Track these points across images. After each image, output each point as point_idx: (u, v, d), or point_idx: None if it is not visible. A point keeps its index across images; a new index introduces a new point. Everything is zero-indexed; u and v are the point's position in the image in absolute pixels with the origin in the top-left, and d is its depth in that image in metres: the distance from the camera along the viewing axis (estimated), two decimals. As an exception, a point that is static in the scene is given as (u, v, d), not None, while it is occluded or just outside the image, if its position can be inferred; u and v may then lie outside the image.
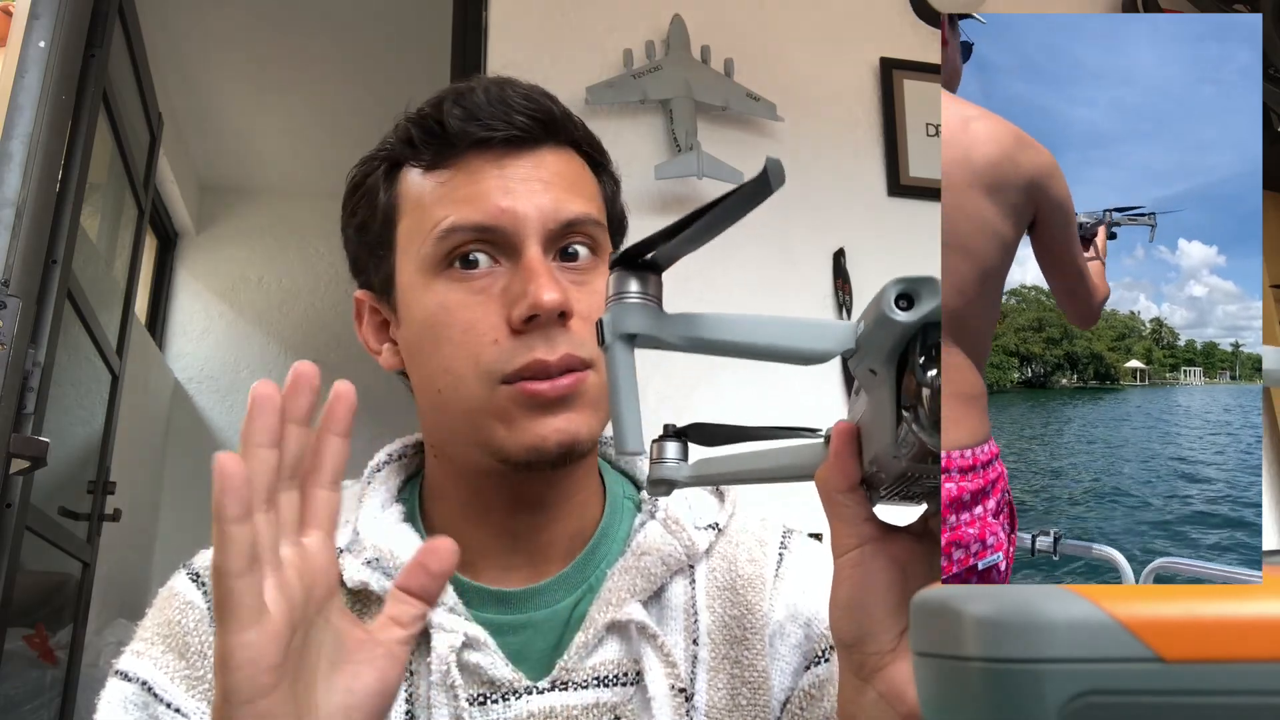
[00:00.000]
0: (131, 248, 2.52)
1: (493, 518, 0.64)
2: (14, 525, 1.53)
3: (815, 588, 0.67)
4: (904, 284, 0.35)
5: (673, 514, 0.66)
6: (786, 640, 0.65)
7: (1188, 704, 0.20)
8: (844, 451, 0.43)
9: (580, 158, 0.67)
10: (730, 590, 0.66)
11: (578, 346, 0.60)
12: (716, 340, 0.39)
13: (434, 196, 0.62)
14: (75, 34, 1.65)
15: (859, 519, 0.44)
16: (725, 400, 1.84)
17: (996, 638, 0.21)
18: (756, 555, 0.68)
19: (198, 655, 0.61)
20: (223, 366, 3.84)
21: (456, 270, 0.61)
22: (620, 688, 0.61)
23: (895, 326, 0.35)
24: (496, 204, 0.60)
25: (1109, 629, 0.20)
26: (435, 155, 0.63)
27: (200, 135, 3.63)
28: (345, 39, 3.08)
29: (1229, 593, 0.21)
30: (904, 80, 2.15)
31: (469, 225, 0.60)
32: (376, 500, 0.66)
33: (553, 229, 0.61)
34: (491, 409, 0.60)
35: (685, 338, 0.39)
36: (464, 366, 0.60)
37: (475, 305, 0.60)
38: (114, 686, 0.61)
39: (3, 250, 1.42)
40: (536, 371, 0.59)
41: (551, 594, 0.64)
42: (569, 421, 0.59)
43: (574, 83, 1.90)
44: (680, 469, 0.52)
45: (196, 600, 0.63)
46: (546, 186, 0.62)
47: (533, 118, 0.63)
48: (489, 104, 0.62)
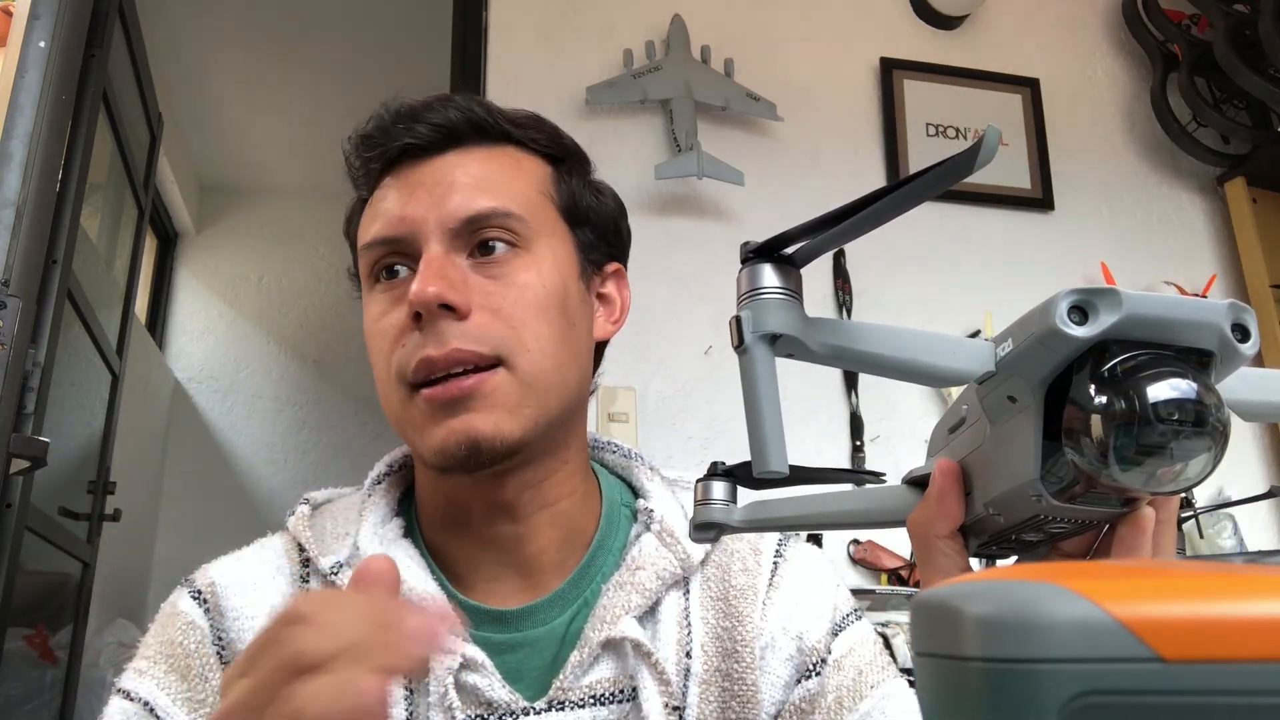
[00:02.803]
0: (131, 248, 2.52)
1: (471, 527, 0.64)
2: (14, 525, 1.53)
3: (809, 599, 0.66)
4: (1079, 294, 0.30)
5: (668, 526, 0.65)
6: (778, 653, 0.64)
7: (1188, 704, 0.20)
8: (950, 493, 0.40)
9: (516, 151, 0.66)
10: (723, 601, 0.65)
11: (475, 341, 0.58)
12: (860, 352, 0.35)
13: (366, 218, 0.65)
14: (75, 34, 1.64)
15: (958, 568, 0.41)
16: (724, 398, 1.84)
17: (996, 638, 0.21)
18: (750, 565, 0.67)
19: (199, 677, 0.61)
20: (223, 366, 3.83)
21: (382, 282, 0.63)
22: (616, 705, 0.61)
23: (1068, 342, 0.30)
24: (398, 213, 0.62)
25: (1109, 629, 0.20)
26: (365, 183, 0.67)
27: (200, 135, 3.63)
28: (346, 39, 3.08)
29: (1229, 593, 0.21)
30: (904, 80, 2.15)
31: (377, 240, 0.63)
32: (376, 515, 0.65)
33: (453, 227, 0.61)
34: (405, 417, 0.61)
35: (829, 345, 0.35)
36: (383, 372, 0.62)
37: (390, 311, 0.62)
38: (116, 704, 0.60)
39: (3, 250, 1.42)
40: (428, 370, 0.58)
41: (547, 611, 0.63)
42: (466, 423, 0.58)
43: (574, 83, 1.90)
44: (730, 512, 0.47)
45: (198, 620, 0.62)
46: (450, 188, 0.62)
47: (433, 124, 0.64)
48: (393, 119, 0.65)
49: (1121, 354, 0.30)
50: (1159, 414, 0.29)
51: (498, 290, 0.60)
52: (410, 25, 2.98)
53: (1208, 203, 2.28)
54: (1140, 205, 2.23)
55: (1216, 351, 0.30)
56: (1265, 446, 2.10)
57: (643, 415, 1.79)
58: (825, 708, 0.63)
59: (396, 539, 0.64)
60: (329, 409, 3.84)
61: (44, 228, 1.55)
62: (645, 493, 0.69)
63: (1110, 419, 0.30)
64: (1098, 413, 0.30)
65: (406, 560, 0.62)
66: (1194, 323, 0.30)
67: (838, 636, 0.65)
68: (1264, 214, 2.18)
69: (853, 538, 1.82)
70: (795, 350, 0.35)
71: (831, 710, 0.63)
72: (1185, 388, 0.29)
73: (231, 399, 3.80)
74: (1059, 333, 0.30)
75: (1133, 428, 0.29)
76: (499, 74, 1.92)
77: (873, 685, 0.63)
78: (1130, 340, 0.30)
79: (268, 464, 3.76)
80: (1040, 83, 2.23)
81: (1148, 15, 2.28)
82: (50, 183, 1.56)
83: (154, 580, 3.37)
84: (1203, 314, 0.30)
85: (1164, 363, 0.30)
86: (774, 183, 1.98)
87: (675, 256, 1.89)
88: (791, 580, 0.67)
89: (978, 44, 2.25)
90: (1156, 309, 0.30)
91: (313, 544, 0.64)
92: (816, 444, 1.86)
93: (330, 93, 3.33)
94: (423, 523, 0.67)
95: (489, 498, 0.63)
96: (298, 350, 3.91)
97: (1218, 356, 0.30)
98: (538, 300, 0.61)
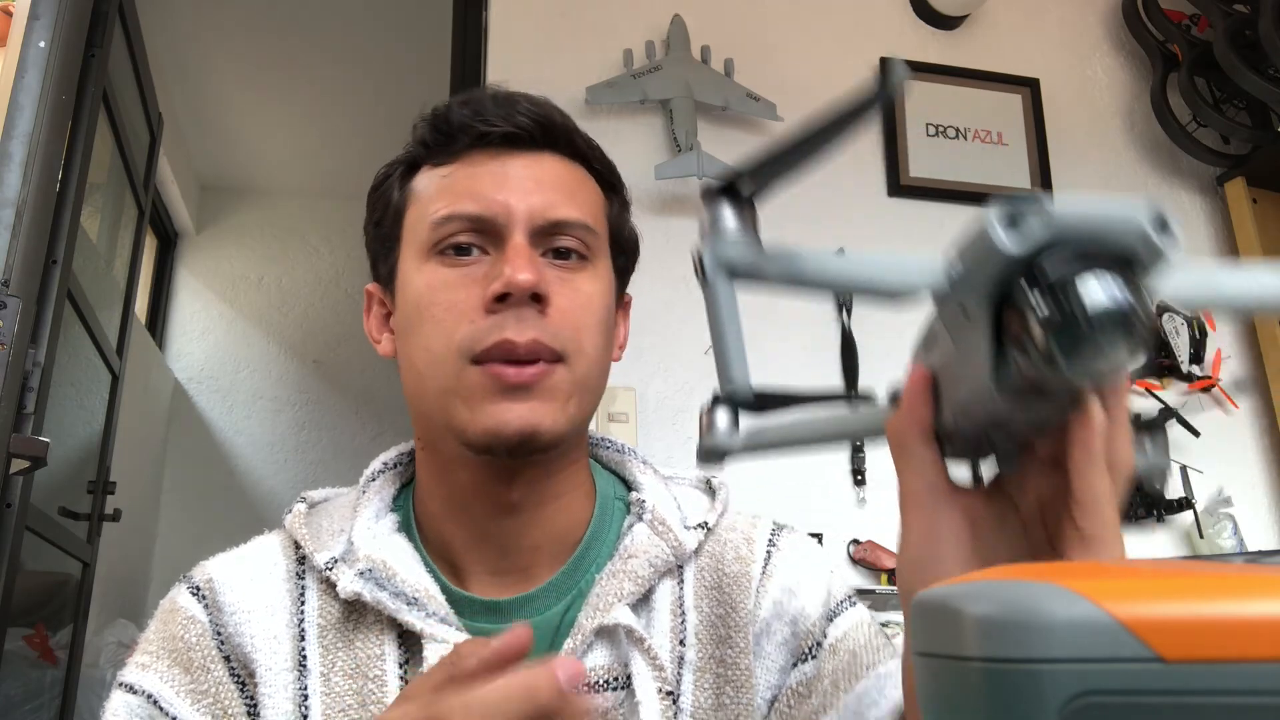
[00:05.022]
0: (131, 248, 2.52)
1: (474, 518, 0.64)
2: (14, 525, 1.53)
3: (803, 585, 0.67)
4: (1008, 206, 0.32)
5: (659, 515, 0.66)
6: (773, 638, 0.65)
7: (1188, 704, 0.20)
8: (919, 398, 0.42)
9: (585, 171, 0.69)
10: (717, 589, 0.66)
11: (551, 336, 0.60)
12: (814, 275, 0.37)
13: (436, 189, 0.65)
14: (75, 34, 1.64)
15: (931, 469, 0.43)
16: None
17: (996, 638, 0.21)
18: (744, 553, 0.67)
19: (201, 669, 0.61)
20: (223, 366, 3.83)
21: (449, 256, 0.63)
22: (610, 692, 0.61)
23: (1001, 253, 0.33)
24: (490, 195, 0.63)
25: (1109, 629, 0.20)
26: (441, 151, 0.66)
27: (200, 135, 3.63)
28: (346, 39, 3.08)
29: (1229, 593, 0.21)
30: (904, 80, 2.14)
31: (462, 214, 0.63)
32: (371, 510, 0.66)
33: (540, 225, 0.63)
34: (459, 389, 0.60)
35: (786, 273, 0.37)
36: (439, 344, 0.61)
37: (459, 287, 0.62)
38: (119, 699, 0.61)
39: (3, 250, 1.42)
40: (505, 351, 0.59)
41: (542, 601, 0.64)
42: (531, 410, 0.59)
43: (574, 83, 1.90)
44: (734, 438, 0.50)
45: (198, 614, 0.63)
46: (540, 186, 0.64)
47: (535, 119, 0.65)
48: (494, 103, 0.65)
49: (1052, 258, 0.32)
50: (1088, 311, 0.31)
51: (569, 293, 0.63)
52: (410, 25, 2.98)
53: (1208, 203, 2.28)
54: (1140, 205, 2.23)
55: (1141, 247, 0.32)
56: (1265, 446, 2.10)
57: (643, 415, 1.79)
58: (821, 690, 0.63)
59: (391, 533, 0.65)
60: (329, 409, 3.84)
61: (44, 228, 1.55)
62: (638, 485, 0.70)
63: (1045, 321, 0.32)
64: (1034, 315, 0.32)
65: (402, 554, 0.63)
66: (1116, 220, 0.32)
67: (833, 621, 0.66)
68: (1264, 214, 2.18)
69: (853, 538, 1.82)
70: (755, 280, 0.38)
71: (828, 693, 0.63)
72: (1111, 284, 0.31)
73: (231, 399, 3.80)
74: (992, 245, 0.32)
75: (1065, 326, 0.31)
76: (499, 74, 1.92)
77: (869, 666, 0.63)
78: (1060, 244, 0.32)
79: (268, 464, 3.76)
80: (1040, 83, 2.23)
81: (1147, 15, 2.28)
82: (50, 183, 1.56)
83: (154, 580, 3.37)
84: (1123, 211, 0.33)
85: (1092, 262, 0.32)
86: (774, 183, 1.98)
87: (675, 256, 1.89)
88: (785, 567, 0.67)
89: (977, 44, 2.25)
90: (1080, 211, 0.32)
91: (308, 540, 0.64)
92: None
93: (330, 93, 3.33)
94: (421, 516, 0.67)
95: (499, 486, 0.64)
96: (298, 350, 3.91)
97: (1142, 252, 0.33)
98: (596, 311, 0.64)
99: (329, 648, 0.61)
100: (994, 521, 0.43)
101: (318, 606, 0.63)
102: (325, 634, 0.62)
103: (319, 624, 0.62)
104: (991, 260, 0.33)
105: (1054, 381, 0.34)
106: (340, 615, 0.62)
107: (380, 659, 0.60)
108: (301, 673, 0.61)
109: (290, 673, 0.61)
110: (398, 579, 0.61)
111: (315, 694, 0.60)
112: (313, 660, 0.61)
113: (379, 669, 0.60)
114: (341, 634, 0.61)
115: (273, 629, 0.62)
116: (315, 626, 0.62)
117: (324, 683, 0.60)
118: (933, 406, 0.42)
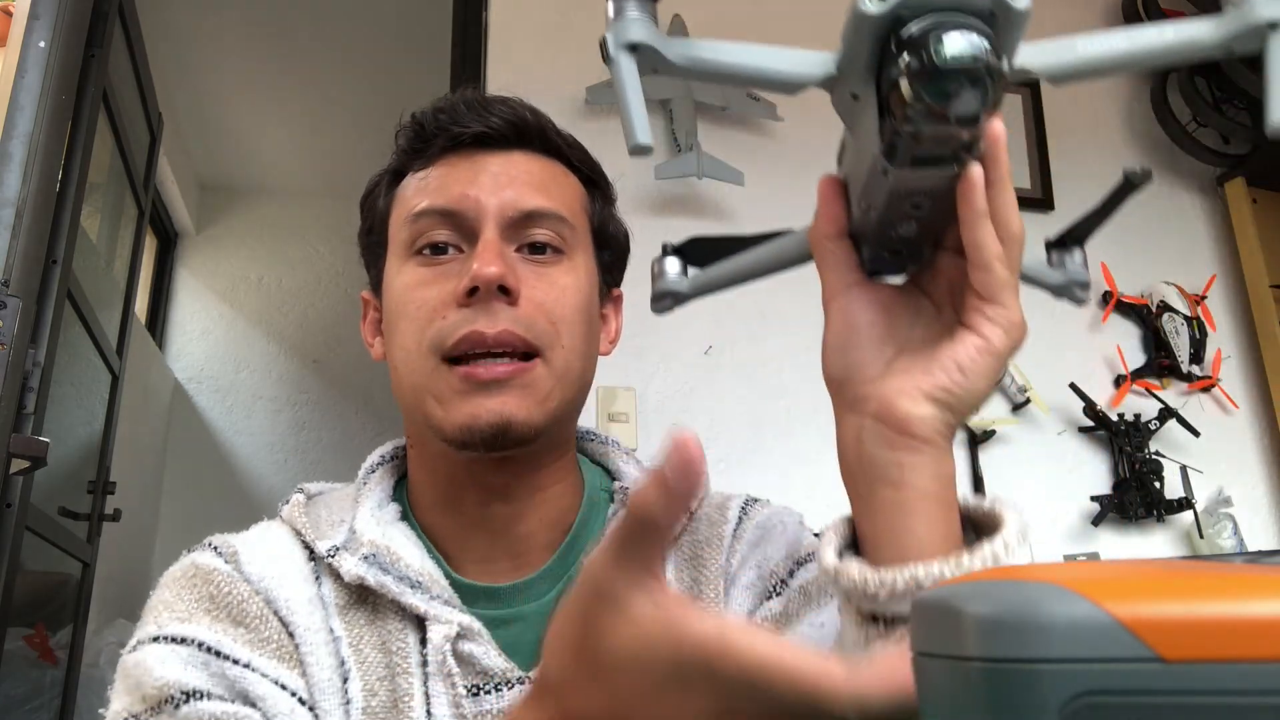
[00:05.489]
0: (131, 248, 2.52)
1: (467, 509, 0.66)
2: (14, 525, 1.53)
3: (772, 534, 0.68)
4: None
5: None
6: (739, 585, 0.66)
7: (1188, 704, 0.20)
8: (830, 199, 0.47)
9: (563, 167, 0.70)
10: (694, 561, 0.68)
11: (524, 327, 0.62)
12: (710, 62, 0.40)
13: (413, 190, 0.67)
14: (75, 34, 1.64)
15: (846, 265, 0.48)
16: (724, 398, 1.84)
17: (996, 638, 0.21)
18: (715, 518, 0.69)
19: (258, 619, 0.60)
20: (223, 366, 3.83)
21: (425, 256, 0.65)
22: None
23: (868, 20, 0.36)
24: (461, 191, 0.65)
25: (1109, 629, 0.20)
26: (419, 156, 0.68)
27: (200, 135, 3.63)
28: (346, 39, 3.08)
29: (1229, 593, 0.21)
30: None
31: (434, 210, 0.65)
32: (373, 500, 0.67)
33: (512, 217, 0.64)
34: (430, 387, 0.62)
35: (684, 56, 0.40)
36: (413, 342, 0.63)
37: (433, 285, 0.63)
38: (159, 651, 0.58)
39: (3, 250, 1.42)
40: (474, 343, 0.60)
41: (538, 587, 0.65)
42: (503, 404, 0.61)
43: (574, 83, 1.90)
44: (681, 282, 0.54)
45: (233, 573, 0.62)
46: (512, 180, 0.66)
47: (506, 119, 0.67)
48: (467, 106, 0.68)
49: (913, 19, 0.35)
50: (946, 56, 0.34)
51: (543, 287, 0.64)
52: (410, 25, 2.98)
53: (1208, 203, 2.28)
54: (1140, 205, 2.22)
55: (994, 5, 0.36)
56: (1265, 446, 2.10)
57: (643, 415, 1.79)
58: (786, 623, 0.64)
59: (394, 521, 0.66)
60: (329, 409, 3.84)
61: (44, 228, 1.55)
62: (620, 474, 0.72)
63: (912, 72, 0.35)
64: (904, 73, 0.35)
65: (404, 540, 0.64)
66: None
67: (801, 566, 0.66)
68: (1264, 214, 2.18)
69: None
70: (657, 63, 0.40)
71: (791, 621, 0.64)
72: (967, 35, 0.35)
73: (231, 399, 3.80)
74: (860, 14, 0.36)
75: (928, 75, 0.35)
76: (499, 74, 1.92)
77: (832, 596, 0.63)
78: (920, 7, 0.36)
79: (268, 464, 3.76)
80: (1040, 83, 2.23)
81: (1148, 15, 2.28)
82: (50, 183, 1.56)
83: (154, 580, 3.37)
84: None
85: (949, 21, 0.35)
86: (774, 183, 1.98)
87: (675, 256, 1.89)
88: (755, 524, 0.69)
89: (978, 44, 2.25)
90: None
91: (308, 529, 0.65)
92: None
93: (331, 93, 3.33)
94: (416, 506, 0.69)
95: (487, 480, 0.65)
96: (298, 350, 3.91)
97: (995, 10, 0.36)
98: (574, 303, 0.65)
99: (352, 623, 0.62)
100: (908, 309, 0.48)
101: (332, 588, 0.63)
102: (345, 612, 0.62)
103: (337, 604, 0.63)
104: (863, 28, 0.36)
105: (932, 142, 0.37)
106: (352, 599, 0.63)
107: (403, 632, 0.61)
108: (334, 640, 0.61)
109: (325, 633, 0.61)
110: (401, 563, 0.62)
111: (350, 661, 0.60)
112: (339, 631, 0.62)
113: (402, 641, 0.61)
114: (361, 612, 0.62)
115: (302, 596, 0.62)
116: (335, 606, 0.63)
117: (355, 652, 0.61)
118: (844, 207, 0.47)
